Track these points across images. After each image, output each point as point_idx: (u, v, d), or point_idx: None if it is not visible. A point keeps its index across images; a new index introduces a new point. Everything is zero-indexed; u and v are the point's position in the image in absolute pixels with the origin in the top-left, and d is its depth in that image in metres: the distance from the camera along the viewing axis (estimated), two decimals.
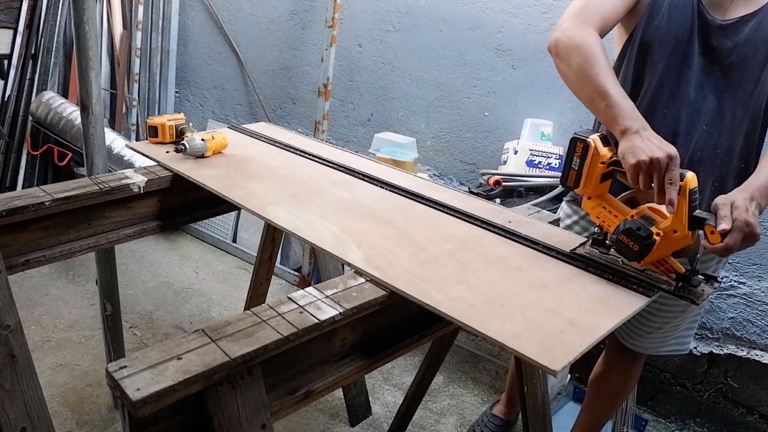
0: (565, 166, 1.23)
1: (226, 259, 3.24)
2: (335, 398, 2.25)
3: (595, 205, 1.23)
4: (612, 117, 1.21)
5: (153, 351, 0.82)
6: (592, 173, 1.20)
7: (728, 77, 1.38)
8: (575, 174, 1.22)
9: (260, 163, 1.64)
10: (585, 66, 1.25)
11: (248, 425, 0.86)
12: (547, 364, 0.87)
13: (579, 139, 1.20)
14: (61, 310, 2.63)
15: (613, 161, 1.20)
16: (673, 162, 1.11)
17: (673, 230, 1.10)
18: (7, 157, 3.38)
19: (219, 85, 3.53)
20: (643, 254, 1.12)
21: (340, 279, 1.07)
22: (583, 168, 1.21)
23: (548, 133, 2.38)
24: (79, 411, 2.09)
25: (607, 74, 1.24)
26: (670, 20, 1.38)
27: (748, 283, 2.14)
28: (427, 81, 2.74)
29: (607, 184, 1.23)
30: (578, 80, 1.28)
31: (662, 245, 1.11)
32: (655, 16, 1.39)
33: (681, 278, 1.12)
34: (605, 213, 1.22)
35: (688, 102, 1.39)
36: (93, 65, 1.74)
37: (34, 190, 1.36)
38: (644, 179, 1.14)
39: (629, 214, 1.18)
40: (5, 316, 1.21)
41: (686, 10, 1.38)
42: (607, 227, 1.22)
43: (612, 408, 1.93)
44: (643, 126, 1.18)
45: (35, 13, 3.32)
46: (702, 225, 1.10)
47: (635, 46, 1.43)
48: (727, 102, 1.39)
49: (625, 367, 1.79)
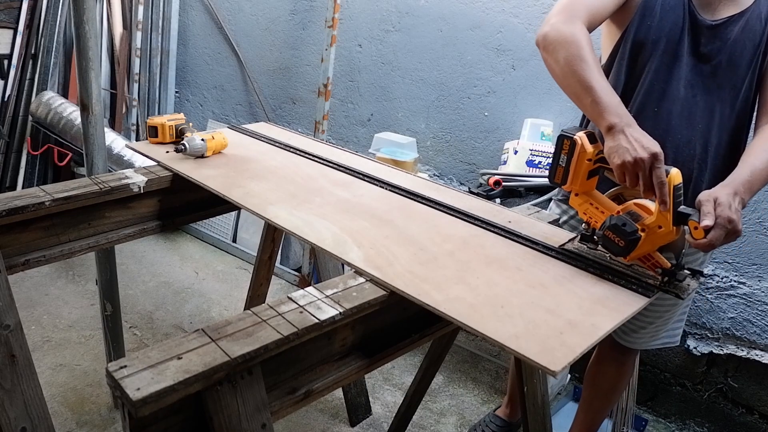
0: (552, 163, 1.25)
1: (226, 259, 3.24)
2: (335, 398, 2.25)
3: (582, 202, 1.25)
4: (598, 113, 1.22)
5: (153, 351, 0.82)
6: (578, 170, 1.22)
7: (717, 76, 1.40)
8: (563, 171, 1.23)
9: (260, 163, 1.64)
10: (572, 60, 1.26)
11: (248, 425, 0.86)
12: (546, 364, 0.87)
13: (566, 136, 1.22)
14: (61, 310, 2.63)
15: (600, 158, 1.21)
16: (657, 161, 1.12)
17: (658, 226, 1.12)
18: (7, 157, 3.38)
19: (219, 85, 3.53)
20: (629, 249, 1.13)
21: (340, 279, 1.07)
22: (570, 165, 1.22)
23: (548, 133, 2.38)
24: (79, 411, 2.09)
25: (593, 69, 1.25)
26: (662, 20, 1.39)
27: (748, 283, 2.14)
28: (427, 81, 2.74)
29: (593, 181, 1.25)
30: (564, 75, 1.28)
31: (648, 241, 1.13)
32: (648, 16, 1.40)
33: (666, 273, 1.14)
34: (592, 209, 1.24)
35: (677, 100, 1.41)
36: (93, 65, 1.74)
37: (34, 190, 1.36)
38: (630, 178, 1.16)
39: (615, 210, 1.20)
40: (5, 316, 1.21)
41: (678, 11, 1.39)
42: (594, 223, 1.23)
43: (608, 404, 1.94)
44: (627, 123, 1.19)
45: (35, 13, 3.32)
46: (686, 220, 1.12)
47: (628, 45, 1.44)
48: (716, 100, 1.41)
49: (619, 362, 1.81)
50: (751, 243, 2.11)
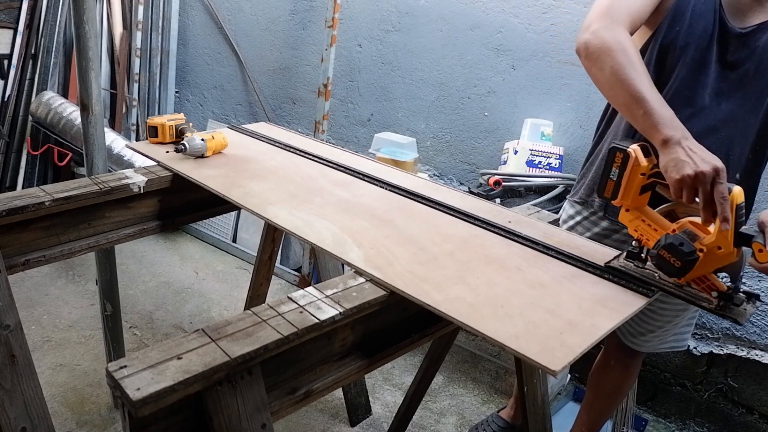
0: (602, 176, 1.20)
1: (226, 259, 3.24)
2: (335, 398, 2.25)
3: (633, 218, 1.19)
4: (651, 125, 1.17)
5: (153, 351, 0.82)
6: (631, 185, 1.16)
7: (743, 84, 1.36)
8: (614, 185, 1.18)
9: (260, 163, 1.64)
10: (619, 70, 1.20)
11: (248, 425, 0.86)
12: (546, 364, 0.87)
13: (618, 148, 1.16)
14: (61, 310, 2.63)
15: (654, 173, 1.16)
16: (720, 176, 1.07)
17: (717, 247, 1.06)
18: (7, 157, 3.38)
19: (219, 85, 3.53)
20: (685, 270, 1.07)
21: (340, 279, 1.07)
22: (622, 179, 1.17)
23: (548, 133, 2.38)
24: (79, 411, 2.09)
25: (643, 79, 1.19)
26: (691, 26, 1.35)
27: (748, 283, 2.14)
28: (427, 81, 2.74)
29: (646, 197, 1.19)
30: (612, 85, 1.23)
31: (705, 262, 1.07)
32: (678, 21, 1.36)
33: (723, 296, 1.08)
34: (644, 226, 1.18)
35: (702, 108, 1.37)
36: (93, 65, 1.74)
37: (34, 190, 1.36)
38: (688, 193, 1.09)
39: (670, 228, 1.14)
40: (5, 316, 1.21)
41: (708, 17, 1.35)
42: (645, 241, 1.17)
43: (611, 406, 1.93)
44: (684, 135, 1.14)
45: (35, 13, 3.32)
46: (749, 242, 1.06)
47: (656, 49, 1.39)
48: (740, 109, 1.37)
49: (624, 364, 1.79)
50: None
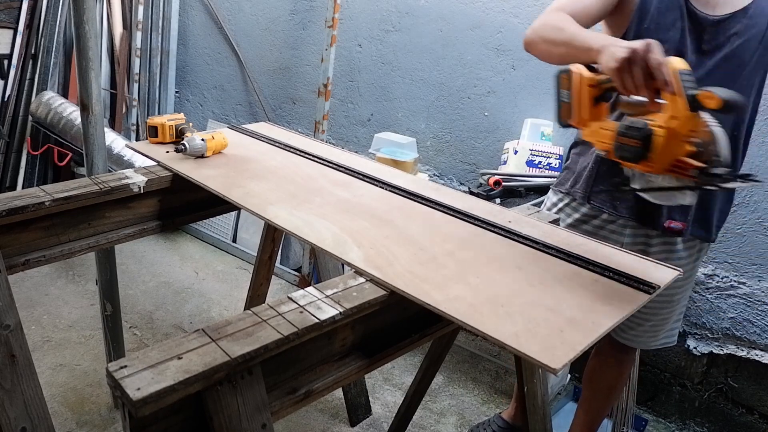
0: (556, 103, 1.20)
1: (226, 259, 3.24)
2: (335, 398, 2.25)
3: (594, 130, 1.16)
4: (587, 48, 1.19)
5: (153, 351, 0.82)
6: (583, 98, 1.17)
7: (720, 71, 1.40)
8: (567, 106, 1.18)
9: (260, 163, 1.64)
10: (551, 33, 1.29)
11: (248, 425, 0.86)
12: (547, 362, 0.87)
13: (563, 71, 1.19)
14: (61, 310, 2.63)
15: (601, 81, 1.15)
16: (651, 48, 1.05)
17: (671, 117, 1.01)
18: (7, 157, 3.38)
19: (219, 85, 3.53)
20: (647, 147, 1.02)
21: (340, 279, 1.07)
22: (572, 96, 1.17)
23: (548, 133, 2.38)
24: (79, 411, 2.09)
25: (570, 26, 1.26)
26: (659, 21, 1.39)
27: (748, 283, 2.14)
28: (427, 81, 2.74)
29: (602, 108, 1.18)
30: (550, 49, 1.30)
31: (670, 142, 1.02)
32: (644, 19, 1.40)
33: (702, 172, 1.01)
34: (603, 132, 1.14)
35: None
36: (93, 65, 1.74)
37: (34, 190, 1.36)
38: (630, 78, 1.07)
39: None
40: (5, 316, 1.21)
41: (675, 11, 1.39)
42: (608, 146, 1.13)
43: (608, 403, 1.94)
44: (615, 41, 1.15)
45: (35, 13, 3.32)
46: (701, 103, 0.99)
47: None
48: None
49: (618, 360, 1.81)
50: (751, 243, 2.11)
